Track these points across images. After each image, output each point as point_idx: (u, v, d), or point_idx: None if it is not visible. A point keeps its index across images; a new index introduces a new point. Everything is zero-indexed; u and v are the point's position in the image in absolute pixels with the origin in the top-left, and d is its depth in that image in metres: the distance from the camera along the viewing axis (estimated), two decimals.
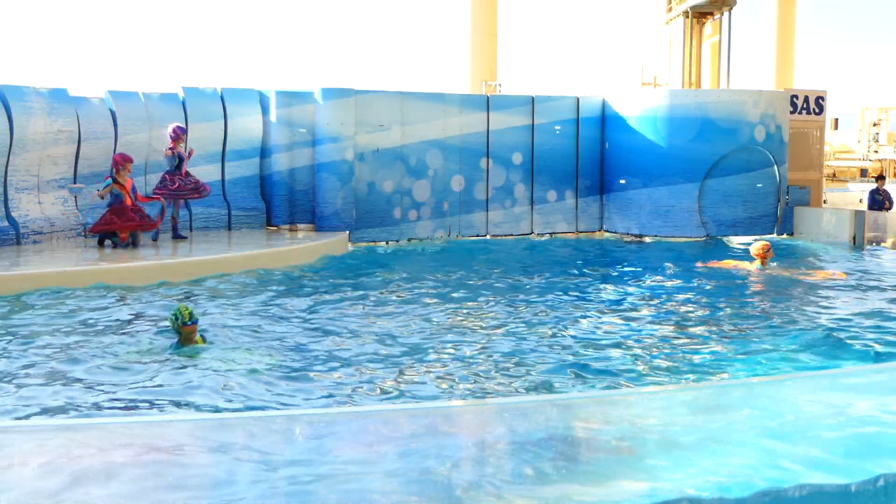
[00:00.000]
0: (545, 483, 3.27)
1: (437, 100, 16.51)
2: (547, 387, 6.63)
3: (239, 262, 12.15)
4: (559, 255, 15.01)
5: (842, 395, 4.53)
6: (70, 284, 10.13)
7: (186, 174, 13.66)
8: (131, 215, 12.59)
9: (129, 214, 12.58)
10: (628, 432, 3.92)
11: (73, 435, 3.89)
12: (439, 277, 11.98)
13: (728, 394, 4.77)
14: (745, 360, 7.46)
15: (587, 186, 17.75)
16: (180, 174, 13.55)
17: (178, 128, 13.65)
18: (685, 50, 20.98)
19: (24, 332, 8.09)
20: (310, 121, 15.49)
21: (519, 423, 4.03)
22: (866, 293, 10.64)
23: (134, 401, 6.10)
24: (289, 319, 8.94)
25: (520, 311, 9.60)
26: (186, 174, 13.66)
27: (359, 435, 3.88)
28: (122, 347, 7.52)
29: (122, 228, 12.47)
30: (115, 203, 12.60)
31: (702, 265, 12.67)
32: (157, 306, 9.39)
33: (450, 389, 6.55)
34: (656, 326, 8.93)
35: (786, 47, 31.63)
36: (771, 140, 16.73)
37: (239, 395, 6.20)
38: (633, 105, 17.12)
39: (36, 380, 6.55)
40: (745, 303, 10.25)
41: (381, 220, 15.99)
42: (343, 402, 6.17)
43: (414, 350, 7.71)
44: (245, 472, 3.33)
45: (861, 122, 37.58)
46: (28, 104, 13.04)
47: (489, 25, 23.23)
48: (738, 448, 3.63)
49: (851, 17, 79.78)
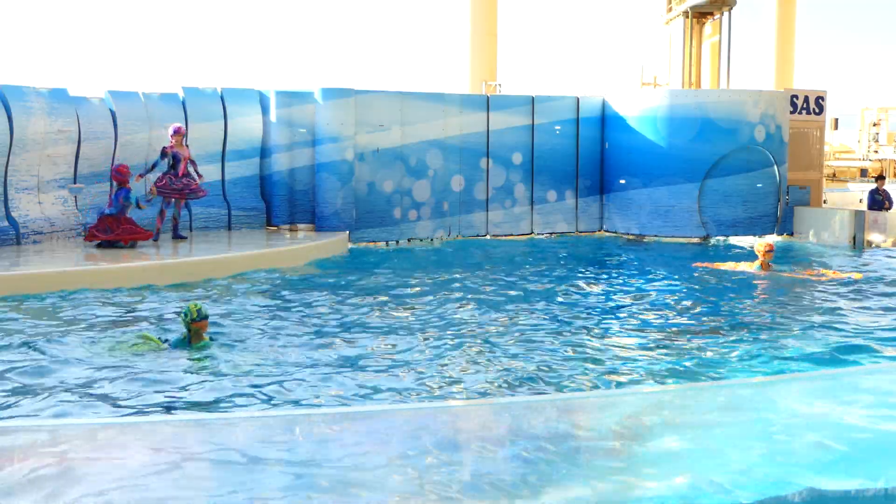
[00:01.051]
0: (545, 483, 3.27)
1: (437, 100, 16.51)
2: (548, 386, 6.64)
3: (239, 262, 12.15)
4: (559, 256, 15.00)
5: (843, 395, 4.53)
6: (70, 284, 10.13)
7: (185, 174, 13.54)
8: (126, 226, 12.59)
9: (124, 225, 12.58)
10: (628, 432, 3.92)
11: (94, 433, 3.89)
12: (439, 277, 11.98)
13: (728, 394, 4.77)
14: (745, 361, 7.46)
15: (587, 186, 17.75)
16: (174, 174, 13.46)
17: (175, 128, 13.54)
18: (685, 50, 20.97)
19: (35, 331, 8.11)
20: (310, 121, 15.48)
21: (519, 423, 4.03)
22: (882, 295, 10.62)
23: (140, 394, 6.11)
24: (289, 318, 8.94)
25: (520, 312, 9.59)
26: (185, 174, 13.54)
27: (359, 434, 3.88)
28: (127, 339, 7.58)
29: (119, 239, 12.46)
30: (117, 214, 12.57)
31: (701, 265, 12.66)
32: (157, 306, 9.39)
33: (450, 390, 6.55)
34: (656, 326, 8.93)
35: (786, 47, 31.62)
36: (771, 140, 16.73)
37: (244, 392, 6.20)
38: (633, 105, 17.12)
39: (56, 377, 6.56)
40: (745, 303, 10.25)
41: (381, 220, 15.99)
42: (343, 402, 6.17)
43: (413, 349, 7.71)
44: (243, 470, 3.33)
45: (861, 122, 37.59)
46: (28, 104, 13.04)
47: (489, 25, 23.23)
48: (739, 448, 3.63)
49: (851, 17, 79.81)
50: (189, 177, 13.55)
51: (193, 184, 13.59)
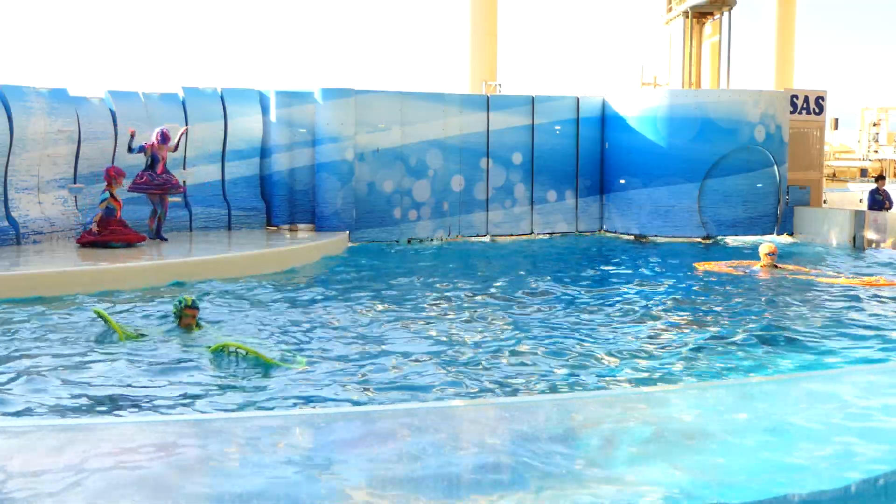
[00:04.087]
0: (546, 483, 3.27)
1: (437, 100, 16.51)
2: (548, 386, 6.63)
3: (240, 262, 12.15)
4: (559, 256, 15.00)
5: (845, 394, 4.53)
6: (70, 284, 10.13)
7: (164, 171, 13.58)
8: (119, 228, 12.59)
9: (117, 228, 12.58)
10: (628, 432, 3.92)
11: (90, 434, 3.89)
12: (438, 277, 11.98)
13: (729, 394, 4.77)
14: (746, 362, 7.46)
15: (587, 186, 17.75)
16: (153, 171, 13.51)
17: (163, 132, 13.59)
18: (685, 50, 20.96)
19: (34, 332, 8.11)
20: (310, 121, 15.48)
21: (520, 423, 4.03)
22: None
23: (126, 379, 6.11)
24: (285, 317, 8.93)
25: (521, 312, 9.59)
26: (164, 171, 13.58)
27: (359, 434, 3.87)
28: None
29: (112, 240, 12.45)
30: (105, 216, 12.56)
31: (701, 267, 12.64)
32: (155, 304, 9.39)
33: (451, 389, 6.54)
34: (654, 326, 8.93)
35: (786, 47, 31.60)
36: (771, 140, 16.73)
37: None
38: (633, 105, 17.11)
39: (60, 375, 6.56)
40: (746, 305, 10.24)
41: (381, 220, 15.99)
42: (344, 401, 6.17)
43: (413, 349, 7.71)
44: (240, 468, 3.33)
45: (861, 122, 37.57)
46: (28, 104, 13.04)
47: (489, 25, 23.21)
48: (739, 449, 3.63)
49: (851, 17, 79.78)
50: (168, 173, 13.62)
51: (174, 179, 13.69)
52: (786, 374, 6.94)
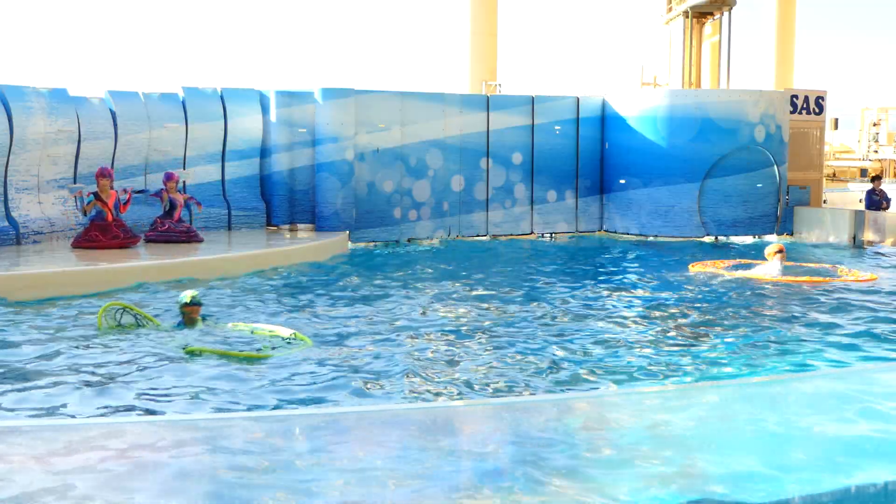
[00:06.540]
0: (546, 483, 3.28)
1: (437, 100, 16.52)
2: (549, 385, 6.64)
3: (240, 262, 12.15)
4: (558, 255, 15.00)
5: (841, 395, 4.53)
6: (71, 284, 10.13)
7: (179, 220, 13.56)
8: (115, 231, 12.57)
9: (113, 231, 12.56)
10: (628, 432, 3.92)
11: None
12: (437, 277, 11.98)
13: (729, 394, 4.77)
14: (745, 361, 7.47)
15: (587, 186, 17.76)
16: (172, 219, 13.47)
17: (167, 174, 13.65)
18: (685, 50, 20.99)
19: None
20: (310, 121, 15.49)
21: (520, 423, 4.03)
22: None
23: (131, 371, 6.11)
24: (285, 317, 8.94)
25: (521, 312, 9.59)
26: (179, 220, 13.56)
27: (359, 434, 3.88)
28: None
29: (107, 247, 12.39)
30: (96, 219, 12.54)
31: (701, 266, 12.65)
32: (151, 303, 9.39)
33: (450, 389, 6.55)
34: (655, 326, 8.94)
35: (786, 47, 31.63)
36: (771, 140, 16.73)
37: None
38: (633, 105, 17.12)
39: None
40: (747, 306, 10.25)
41: (381, 220, 16.00)
42: (343, 400, 6.17)
43: (413, 349, 7.71)
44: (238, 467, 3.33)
45: (861, 122, 37.58)
46: (28, 104, 13.04)
47: (489, 25, 23.23)
48: (739, 449, 3.63)
49: (851, 17, 79.84)
50: (183, 221, 13.63)
51: (193, 229, 13.64)
52: (785, 375, 6.94)
